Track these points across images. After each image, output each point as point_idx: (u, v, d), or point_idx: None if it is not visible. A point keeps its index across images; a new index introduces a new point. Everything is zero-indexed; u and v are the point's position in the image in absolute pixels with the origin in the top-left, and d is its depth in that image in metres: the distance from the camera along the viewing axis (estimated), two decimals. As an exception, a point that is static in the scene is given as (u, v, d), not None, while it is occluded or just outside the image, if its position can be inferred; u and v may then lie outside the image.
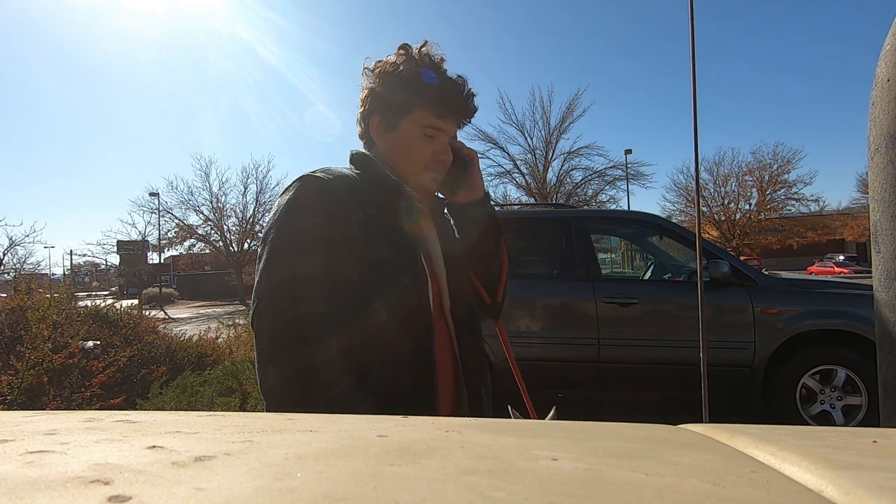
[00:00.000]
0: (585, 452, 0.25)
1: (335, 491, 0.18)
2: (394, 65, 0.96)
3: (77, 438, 0.24)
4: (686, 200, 29.46)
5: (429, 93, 0.93)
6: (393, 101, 0.95)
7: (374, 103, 0.98)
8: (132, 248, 32.02)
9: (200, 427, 0.27)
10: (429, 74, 0.94)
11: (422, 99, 0.93)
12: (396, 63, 0.96)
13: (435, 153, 0.96)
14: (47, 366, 3.14)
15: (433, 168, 0.96)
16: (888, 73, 0.77)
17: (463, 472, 0.20)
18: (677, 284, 3.90)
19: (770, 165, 28.40)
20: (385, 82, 0.96)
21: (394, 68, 0.96)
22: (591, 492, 0.19)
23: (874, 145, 0.80)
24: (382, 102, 0.96)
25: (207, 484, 0.18)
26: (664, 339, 3.52)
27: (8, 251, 22.68)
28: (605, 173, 25.33)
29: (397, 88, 0.95)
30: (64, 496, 0.17)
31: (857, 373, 3.29)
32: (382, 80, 0.96)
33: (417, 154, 0.95)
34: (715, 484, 0.20)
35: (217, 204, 28.25)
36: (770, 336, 3.39)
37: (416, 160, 0.96)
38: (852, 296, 3.44)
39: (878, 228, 0.82)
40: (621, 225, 4.66)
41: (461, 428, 0.28)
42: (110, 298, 6.21)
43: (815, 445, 0.27)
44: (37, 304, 3.97)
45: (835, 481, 0.21)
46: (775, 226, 30.06)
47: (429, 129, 0.95)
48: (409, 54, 0.97)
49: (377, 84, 0.97)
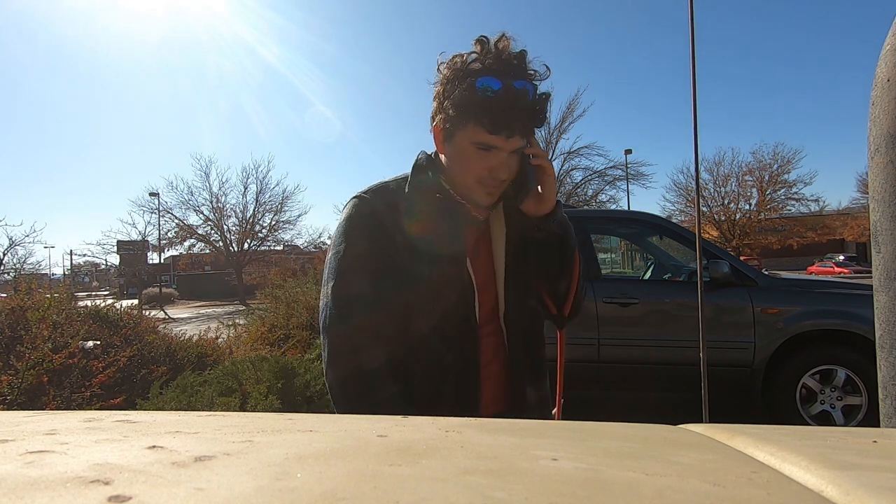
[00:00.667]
0: (585, 452, 0.25)
1: (335, 491, 0.18)
2: (457, 66, 0.89)
3: (77, 438, 0.24)
4: (686, 200, 29.46)
5: (482, 107, 0.85)
6: (449, 110, 0.89)
7: (438, 106, 0.93)
8: (132, 248, 32.03)
9: (200, 427, 0.27)
10: (485, 84, 0.85)
11: (474, 113, 0.86)
12: (460, 64, 0.89)
13: (489, 169, 0.89)
14: (47, 366, 3.14)
15: (486, 184, 0.91)
16: (888, 73, 0.77)
17: (463, 472, 0.20)
18: (677, 284, 3.90)
19: (770, 165, 28.41)
20: (447, 85, 0.90)
21: (455, 72, 0.89)
22: (591, 492, 0.19)
23: (874, 145, 0.80)
24: (442, 108, 0.92)
25: (207, 484, 0.18)
26: (664, 339, 3.52)
27: (8, 251, 22.66)
28: (605, 173, 25.35)
29: (455, 96, 0.88)
30: (64, 496, 0.17)
31: (857, 373, 3.29)
32: (445, 81, 0.91)
33: (470, 169, 0.90)
34: (715, 484, 0.20)
35: (217, 204, 28.28)
36: (770, 336, 3.39)
37: (468, 175, 0.91)
38: (852, 296, 3.44)
39: (878, 228, 0.82)
40: (621, 225, 4.66)
41: (461, 428, 0.28)
42: (110, 298, 6.21)
43: (815, 445, 0.27)
44: (37, 304, 3.97)
45: (835, 481, 0.21)
46: (775, 226, 30.06)
47: (482, 146, 0.88)
48: (482, 51, 0.88)
49: (442, 86, 0.91)
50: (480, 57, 0.87)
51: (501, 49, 0.87)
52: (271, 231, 29.32)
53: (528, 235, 0.98)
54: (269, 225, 29.27)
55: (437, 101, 0.93)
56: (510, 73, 0.86)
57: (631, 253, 6.11)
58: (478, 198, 0.93)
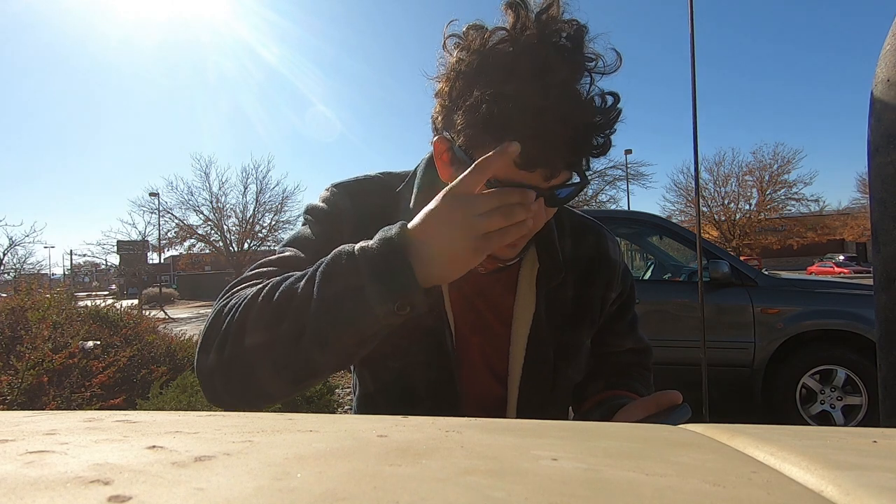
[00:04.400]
0: (585, 452, 0.25)
1: (335, 491, 0.18)
2: (480, 50, 0.56)
3: (77, 438, 0.24)
4: (686, 200, 29.45)
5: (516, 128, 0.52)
6: (462, 123, 0.57)
7: (443, 111, 0.60)
8: (132, 248, 31.99)
9: (200, 427, 0.27)
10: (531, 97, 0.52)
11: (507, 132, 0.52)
12: (479, 44, 0.56)
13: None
14: (47, 366, 3.14)
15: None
16: (888, 73, 0.77)
17: (463, 472, 0.20)
18: (677, 284, 3.90)
19: (770, 165, 28.43)
20: (459, 84, 0.57)
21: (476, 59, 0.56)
22: (591, 492, 0.19)
23: (874, 145, 0.80)
24: (450, 116, 0.59)
25: (207, 484, 0.18)
26: (664, 339, 3.52)
27: (8, 251, 22.69)
28: (605, 173, 25.33)
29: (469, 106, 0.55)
30: (64, 496, 0.17)
31: (857, 373, 3.30)
32: (457, 77, 0.57)
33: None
34: (715, 484, 0.20)
35: (217, 204, 28.23)
36: (770, 336, 3.39)
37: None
38: (852, 296, 3.44)
39: (878, 228, 0.82)
40: (621, 225, 4.65)
41: (461, 428, 0.28)
42: (110, 298, 6.20)
43: (815, 445, 0.27)
44: (37, 304, 3.97)
45: (835, 481, 0.21)
46: (775, 226, 30.05)
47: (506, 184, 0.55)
48: (515, 23, 0.55)
49: (450, 82, 0.58)
50: (513, 34, 0.55)
51: (547, 21, 0.54)
52: (271, 231, 29.27)
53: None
54: (269, 225, 29.23)
55: (443, 102, 0.60)
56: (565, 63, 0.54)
57: (631, 253, 6.09)
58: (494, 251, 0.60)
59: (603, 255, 0.77)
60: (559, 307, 0.72)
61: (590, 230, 0.78)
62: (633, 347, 0.87)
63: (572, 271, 0.73)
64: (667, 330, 3.52)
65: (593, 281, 0.76)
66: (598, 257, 0.77)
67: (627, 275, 0.83)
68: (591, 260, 0.76)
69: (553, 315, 0.71)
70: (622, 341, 0.86)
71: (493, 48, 0.56)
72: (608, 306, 0.80)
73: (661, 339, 3.52)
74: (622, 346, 0.86)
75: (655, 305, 3.63)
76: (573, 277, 0.73)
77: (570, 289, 0.73)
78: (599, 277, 0.76)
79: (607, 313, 0.81)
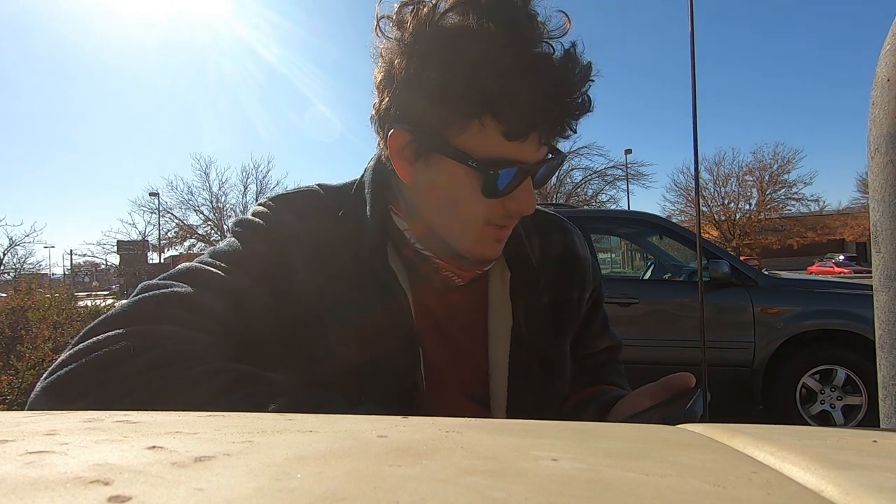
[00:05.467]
0: (585, 452, 0.25)
1: (335, 491, 0.18)
2: (432, 20, 0.49)
3: (77, 439, 0.24)
4: (686, 200, 29.48)
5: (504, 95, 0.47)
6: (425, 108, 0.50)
7: (397, 100, 0.52)
8: (132, 248, 31.98)
9: (200, 427, 0.27)
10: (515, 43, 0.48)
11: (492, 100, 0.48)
12: (426, 16, 0.49)
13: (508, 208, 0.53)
14: (48, 366, 3.14)
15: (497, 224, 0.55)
16: (888, 73, 0.77)
17: (463, 472, 0.20)
18: (677, 284, 3.91)
19: (770, 165, 28.48)
20: (413, 63, 0.49)
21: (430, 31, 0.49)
22: (591, 492, 0.19)
23: (874, 145, 0.80)
24: (405, 106, 0.51)
25: (207, 484, 0.18)
26: (664, 339, 3.52)
27: (8, 251, 22.71)
28: (605, 173, 25.42)
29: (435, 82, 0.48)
30: (64, 496, 0.17)
31: (857, 373, 3.30)
32: (410, 55, 0.50)
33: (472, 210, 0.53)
34: (715, 484, 0.20)
35: (217, 204, 28.25)
36: (770, 336, 3.39)
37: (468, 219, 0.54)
38: (852, 296, 3.44)
39: (878, 228, 0.82)
40: (621, 225, 4.66)
41: (461, 428, 0.28)
42: (110, 298, 6.20)
43: (815, 445, 0.27)
44: (37, 304, 3.98)
45: (835, 481, 0.21)
46: (775, 226, 30.09)
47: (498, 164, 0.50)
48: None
49: (401, 63, 0.50)
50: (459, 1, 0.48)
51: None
52: (271, 231, 29.27)
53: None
54: (269, 225, 29.24)
55: (390, 90, 0.51)
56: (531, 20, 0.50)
57: (631, 253, 6.10)
58: (479, 251, 0.55)
59: (573, 254, 0.69)
60: (537, 317, 0.63)
61: (555, 227, 0.70)
62: (609, 346, 0.80)
63: (544, 275, 0.65)
64: (667, 330, 3.53)
65: (567, 283, 0.67)
66: (568, 256, 0.69)
67: (597, 271, 0.75)
68: (562, 260, 0.68)
69: (532, 327, 0.62)
70: (599, 342, 0.78)
71: (446, 16, 0.49)
72: (584, 307, 0.72)
73: (661, 339, 3.52)
74: (600, 346, 0.78)
75: (655, 305, 3.63)
76: (545, 281, 0.65)
77: (545, 295, 0.65)
78: (573, 278, 0.68)
79: (583, 314, 0.73)
